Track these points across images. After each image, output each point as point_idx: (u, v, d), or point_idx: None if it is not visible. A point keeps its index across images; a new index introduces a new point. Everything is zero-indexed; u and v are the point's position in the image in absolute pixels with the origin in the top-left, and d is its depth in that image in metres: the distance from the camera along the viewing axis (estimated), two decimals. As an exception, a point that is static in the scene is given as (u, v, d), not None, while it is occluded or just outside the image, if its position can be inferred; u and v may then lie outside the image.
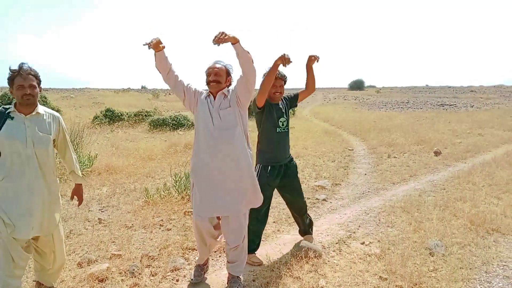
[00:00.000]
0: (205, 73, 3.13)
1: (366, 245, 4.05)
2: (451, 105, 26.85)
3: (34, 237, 2.81)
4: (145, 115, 15.84)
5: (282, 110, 3.70)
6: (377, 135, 12.06)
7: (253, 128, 3.79)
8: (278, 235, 4.39)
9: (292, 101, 3.82)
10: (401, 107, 26.27)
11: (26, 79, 2.65)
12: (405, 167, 7.81)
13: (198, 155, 3.09)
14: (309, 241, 3.88)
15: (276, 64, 3.20)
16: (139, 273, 3.42)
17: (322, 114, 21.32)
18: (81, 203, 3.23)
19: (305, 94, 3.81)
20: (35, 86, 2.70)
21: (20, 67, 2.66)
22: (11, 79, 2.67)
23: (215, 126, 2.98)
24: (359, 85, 71.95)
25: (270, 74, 3.30)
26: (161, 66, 2.95)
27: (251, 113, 3.44)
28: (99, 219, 4.81)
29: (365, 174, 7.38)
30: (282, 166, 3.71)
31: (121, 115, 15.60)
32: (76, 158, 3.12)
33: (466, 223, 4.49)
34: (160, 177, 7.03)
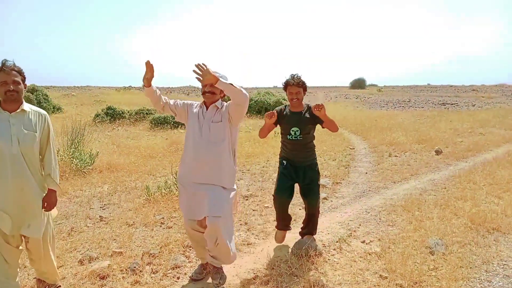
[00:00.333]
0: (200, 84, 3.17)
1: (366, 243, 4.06)
2: (452, 104, 26.81)
3: (25, 239, 2.75)
4: (146, 113, 15.84)
5: (298, 120, 3.74)
6: (378, 134, 12.05)
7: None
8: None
9: (317, 120, 3.77)
10: (403, 106, 26.22)
11: (9, 74, 2.56)
12: (406, 166, 7.81)
13: (184, 163, 3.18)
14: (307, 240, 3.89)
15: (265, 121, 3.68)
16: (140, 271, 3.44)
17: (323, 113, 21.26)
18: (47, 210, 2.81)
19: (331, 130, 3.81)
20: (19, 82, 2.62)
21: (3, 63, 2.58)
22: None
23: (203, 137, 3.05)
24: (360, 83, 71.88)
25: (262, 130, 3.83)
26: (149, 97, 3.13)
27: None
28: (100, 216, 4.82)
29: (366, 172, 7.38)
30: (298, 167, 3.84)
31: (122, 113, 15.60)
32: (57, 163, 2.91)
33: (466, 222, 4.49)
34: (161, 175, 7.04)
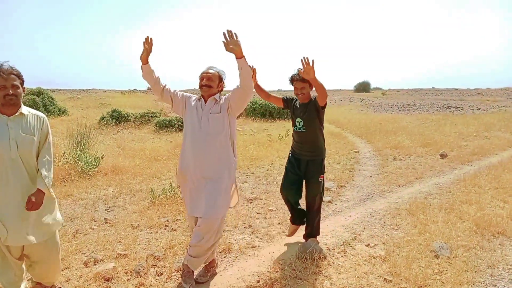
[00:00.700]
0: (198, 78, 3.22)
1: (371, 247, 4.05)
2: (457, 107, 26.69)
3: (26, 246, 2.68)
4: (151, 116, 15.90)
5: (303, 111, 3.85)
6: (383, 137, 12.02)
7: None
8: (283, 236, 4.39)
9: (317, 104, 3.82)
10: (407, 110, 26.14)
11: (7, 79, 2.52)
12: (410, 170, 7.79)
13: (183, 157, 3.21)
14: (312, 243, 3.89)
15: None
16: (144, 273, 3.45)
17: (327, 116, 21.22)
18: (30, 209, 2.58)
19: (319, 99, 3.78)
20: (18, 86, 2.59)
21: None
22: None
23: (202, 130, 3.08)
24: (365, 87, 71.65)
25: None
26: (147, 78, 3.10)
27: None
28: (105, 219, 4.84)
29: (371, 176, 7.37)
30: (301, 161, 3.96)
31: (127, 116, 15.67)
32: (51, 166, 2.78)
33: (471, 226, 4.47)
34: (166, 177, 7.06)
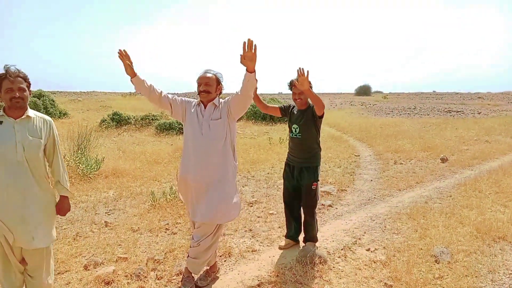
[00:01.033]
0: (196, 82, 3.20)
1: (371, 251, 4.05)
2: (458, 111, 26.70)
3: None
4: (152, 119, 15.92)
5: (300, 117, 3.86)
6: (383, 141, 12.03)
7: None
8: (283, 240, 4.38)
9: (314, 112, 3.80)
10: (408, 113, 26.16)
11: (14, 82, 2.52)
12: (411, 174, 7.79)
13: (184, 162, 3.21)
14: (311, 247, 3.89)
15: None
16: (144, 276, 3.44)
17: (328, 120, 21.28)
18: (62, 215, 2.87)
19: (316, 110, 3.76)
20: (24, 89, 2.58)
21: (6, 69, 2.53)
22: None
23: (203, 136, 3.07)
24: (365, 90, 71.72)
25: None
26: (141, 90, 3.06)
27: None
28: (105, 222, 4.84)
29: (371, 180, 7.37)
30: (295, 167, 3.95)
31: (128, 118, 15.68)
32: (65, 168, 2.88)
33: (472, 230, 4.46)
34: (166, 180, 7.06)
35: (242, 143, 11.37)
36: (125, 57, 2.96)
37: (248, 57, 2.72)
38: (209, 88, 3.10)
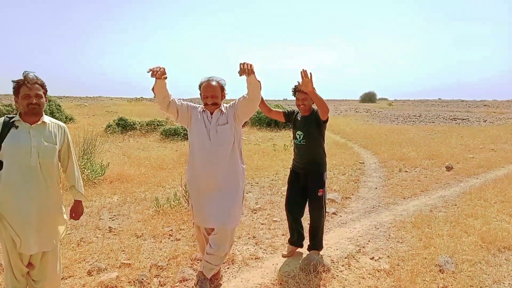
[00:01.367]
0: (199, 89, 3.17)
1: (375, 260, 4.03)
2: (463, 119, 26.60)
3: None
4: (157, 124, 15.99)
5: (304, 123, 3.86)
6: (388, 149, 11.99)
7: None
8: (286, 247, 4.37)
9: (318, 117, 3.81)
10: (413, 121, 26.09)
11: (32, 88, 2.58)
12: (416, 182, 7.75)
13: (192, 169, 3.23)
14: (315, 255, 3.87)
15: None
16: (147, 283, 3.44)
17: (333, 126, 21.26)
18: (76, 219, 2.99)
19: (320, 114, 3.78)
20: (41, 96, 2.63)
21: (24, 76, 2.60)
22: (16, 89, 2.60)
23: (211, 142, 3.07)
24: (370, 97, 71.67)
25: None
26: (158, 92, 2.97)
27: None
28: (109, 227, 4.85)
29: (376, 188, 7.34)
30: (300, 174, 3.95)
31: (133, 124, 15.75)
32: (79, 173, 2.95)
33: (477, 240, 4.43)
34: (171, 186, 7.08)
35: (246, 149, 11.38)
36: (162, 74, 2.81)
37: (251, 67, 2.79)
38: (216, 100, 3.10)
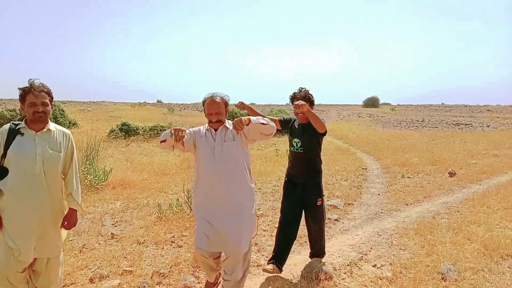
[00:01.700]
0: (202, 105, 3.09)
1: (377, 267, 4.02)
2: (466, 124, 26.55)
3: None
4: (160, 129, 16.01)
5: (301, 131, 3.77)
6: (391, 154, 11.98)
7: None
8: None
9: (314, 129, 3.69)
10: (416, 126, 26.06)
11: (38, 96, 2.59)
12: (419, 188, 7.73)
13: (198, 190, 3.08)
14: (318, 263, 3.86)
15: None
16: (149, 290, 3.44)
17: (335, 131, 21.26)
18: (67, 228, 2.85)
19: (317, 129, 3.65)
20: (47, 104, 2.64)
21: (30, 84, 2.60)
22: (22, 96, 2.60)
23: (216, 158, 2.96)
24: (373, 102, 71.69)
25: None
26: (166, 146, 2.88)
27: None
28: (111, 234, 4.86)
29: (378, 194, 7.33)
30: (298, 184, 3.83)
31: (136, 129, 15.79)
32: (79, 182, 2.92)
33: (480, 247, 4.41)
34: (173, 192, 7.09)
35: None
36: (181, 139, 2.74)
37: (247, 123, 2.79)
38: (221, 117, 3.01)
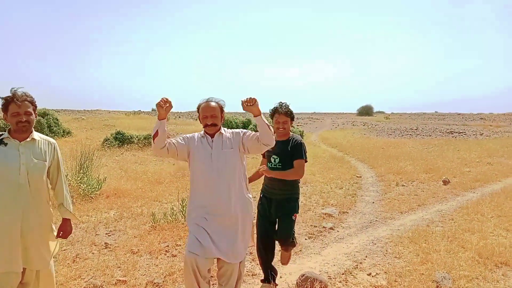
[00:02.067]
0: (197, 111, 3.04)
1: (372, 276, 4.01)
2: (460, 132, 26.75)
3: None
4: (155, 138, 15.98)
5: (280, 148, 3.54)
6: (385, 162, 12.02)
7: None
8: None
9: (294, 147, 3.58)
10: (410, 134, 26.22)
11: (21, 106, 2.53)
12: (413, 196, 7.76)
13: (194, 198, 3.02)
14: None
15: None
16: (143, 300, 3.41)
17: (330, 140, 21.34)
18: (64, 238, 2.83)
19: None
20: (30, 113, 2.59)
21: (13, 93, 2.54)
22: (5, 106, 2.55)
23: (213, 167, 2.91)
24: (368, 110, 72.09)
25: None
26: (160, 139, 2.81)
27: None
28: (105, 243, 4.82)
29: (373, 202, 7.34)
30: (272, 200, 3.67)
31: (131, 138, 15.75)
32: (68, 191, 2.88)
33: (474, 255, 4.42)
34: (168, 201, 7.05)
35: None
36: (167, 106, 2.73)
37: (254, 102, 2.76)
38: (216, 120, 2.97)
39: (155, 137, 2.80)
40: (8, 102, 2.55)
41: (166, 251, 4.62)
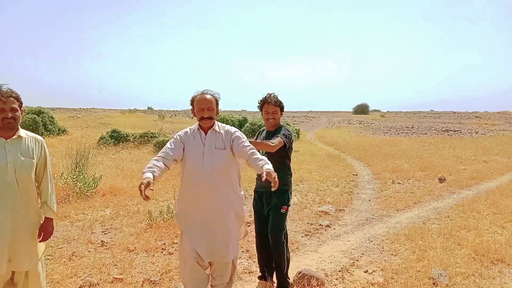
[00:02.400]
0: (192, 104, 2.99)
1: (369, 273, 4.02)
2: (455, 130, 26.87)
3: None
4: (151, 136, 15.94)
5: (268, 138, 3.55)
6: (381, 160, 12.06)
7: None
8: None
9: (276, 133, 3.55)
10: (406, 132, 26.31)
11: (6, 102, 2.48)
12: (409, 194, 7.79)
13: (184, 196, 2.99)
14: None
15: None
16: (140, 298, 3.40)
17: (326, 138, 21.38)
18: (44, 239, 2.70)
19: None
20: (16, 109, 2.54)
21: None
22: None
23: (205, 164, 2.85)
24: (363, 109, 72.19)
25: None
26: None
27: None
28: (101, 241, 4.80)
29: (369, 200, 7.36)
30: (263, 193, 3.64)
31: (126, 136, 15.70)
32: (54, 189, 2.80)
33: (470, 252, 4.44)
34: (164, 199, 7.04)
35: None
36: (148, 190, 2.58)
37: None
38: (212, 113, 2.91)
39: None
40: None
41: (163, 249, 4.60)
